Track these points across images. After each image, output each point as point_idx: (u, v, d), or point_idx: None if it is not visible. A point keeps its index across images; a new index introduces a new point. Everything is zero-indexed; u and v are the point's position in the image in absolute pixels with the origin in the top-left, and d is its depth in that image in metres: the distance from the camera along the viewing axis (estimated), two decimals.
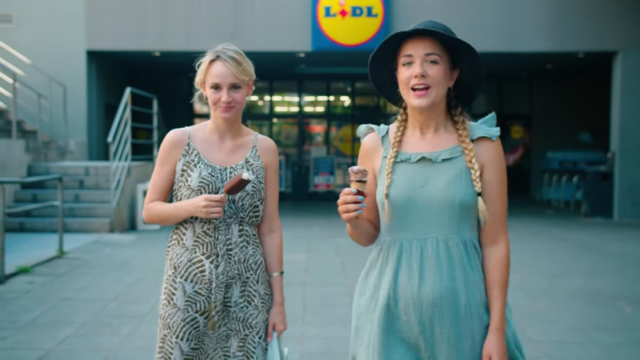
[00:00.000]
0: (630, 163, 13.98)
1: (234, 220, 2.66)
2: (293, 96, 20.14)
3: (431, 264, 2.17)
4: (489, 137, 2.23)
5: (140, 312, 6.06)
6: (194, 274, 2.65)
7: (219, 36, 14.01)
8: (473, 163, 2.18)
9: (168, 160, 2.71)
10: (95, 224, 11.05)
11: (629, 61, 13.95)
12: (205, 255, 2.64)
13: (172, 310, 2.65)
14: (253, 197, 2.69)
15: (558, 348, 5.17)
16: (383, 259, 2.26)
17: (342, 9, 13.90)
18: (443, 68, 2.18)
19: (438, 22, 2.21)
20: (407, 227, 2.21)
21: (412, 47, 2.17)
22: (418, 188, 2.19)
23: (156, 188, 2.74)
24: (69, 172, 12.06)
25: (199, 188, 2.63)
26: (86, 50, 14.13)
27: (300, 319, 5.86)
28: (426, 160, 2.21)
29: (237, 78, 2.62)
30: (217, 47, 2.69)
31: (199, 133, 2.74)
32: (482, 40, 14.02)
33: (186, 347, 2.64)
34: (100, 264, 8.35)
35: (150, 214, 2.74)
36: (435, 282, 2.16)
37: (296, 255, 8.82)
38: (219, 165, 2.68)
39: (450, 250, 2.17)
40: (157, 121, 14.12)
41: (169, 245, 2.75)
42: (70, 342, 5.20)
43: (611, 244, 10.63)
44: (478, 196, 2.17)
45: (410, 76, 2.17)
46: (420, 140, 2.25)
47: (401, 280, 2.20)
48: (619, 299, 6.79)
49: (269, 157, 2.78)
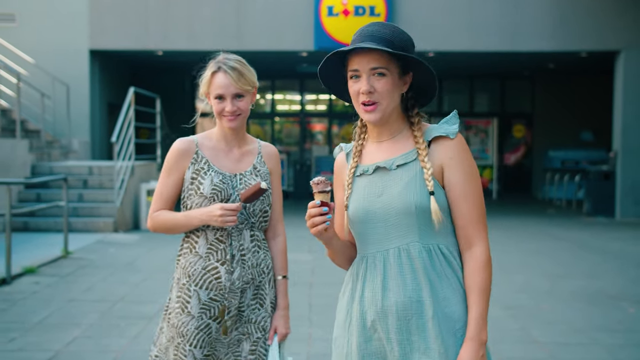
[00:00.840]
0: (632, 162, 14.01)
1: (245, 226, 2.72)
2: (295, 95, 20.17)
3: (394, 275, 2.07)
4: (446, 136, 2.09)
5: (148, 313, 6.10)
6: (209, 282, 2.68)
7: (222, 35, 14.05)
8: (425, 162, 2.06)
9: (176, 169, 2.75)
10: (99, 223, 11.09)
11: (631, 60, 13.97)
12: (220, 261, 2.69)
13: (187, 318, 2.69)
14: (263, 203, 2.75)
15: (562, 349, 5.21)
16: (353, 277, 2.18)
17: (345, 8, 13.92)
18: (391, 79, 2.07)
19: (386, 26, 2.09)
20: (370, 241, 2.12)
21: (358, 62, 2.07)
22: (375, 199, 2.10)
23: (162, 197, 2.76)
24: (73, 172, 12.10)
25: (211, 195, 2.68)
26: (89, 49, 14.16)
27: (307, 320, 5.90)
28: (381, 169, 2.12)
29: (240, 88, 2.68)
30: (218, 57, 2.73)
31: (206, 141, 2.79)
32: (485, 39, 14.05)
33: (199, 354, 2.68)
34: (105, 264, 8.39)
35: (156, 223, 2.76)
36: (398, 294, 2.05)
37: (302, 255, 8.86)
38: (229, 173, 2.74)
39: (412, 259, 2.06)
40: (159, 120, 14.15)
41: (180, 253, 2.78)
42: (78, 343, 5.24)
43: (613, 243, 10.66)
44: (431, 195, 2.04)
45: (358, 91, 2.08)
46: (378, 150, 2.16)
47: (366, 296, 2.11)
48: (622, 299, 6.82)
49: (273, 162, 2.86)
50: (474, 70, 18.22)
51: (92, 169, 12.27)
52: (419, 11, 13.78)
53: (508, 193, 19.22)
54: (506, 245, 10.26)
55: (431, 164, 2.07)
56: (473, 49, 14.07)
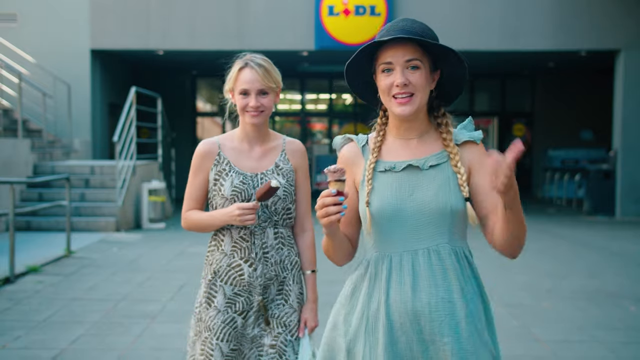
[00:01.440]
0: (632, 161, 14.05)
1: (269, 224, 2.77)
2: (295, 94, 20.20)
3: (425, 277, 2.03)
4: (473, 141, 2.12)
5: (152, 312, 6.13)
6: (233, 278, 2.76)
7: (223, 35, 14.08)
8: (459, 167, 2.06)
9: (201, 170, 2.83)
10: (101, 223, 11.12)
11: (631, 60, 14.00)
12: (244, 259, 2.76)
13: (213, 312, 2.76)
14: (285, 201, 2.78)
15: (564, 347, 5.24)
16: (370, 278, 2.11)
17: (346, 7, 13.95)
18: (425, 73, 2.05)
19: (416, 22, 2.07)
20: (396, 240, 2.07)
21: (392, 54, 2.03)
22: (406, 197, 2.06)
23: (192, 197, 2.86)
24: (75, 171, 12.13)
25: (232, 196, 2.74)
26: (90, 49, 14.19)
27: None
28: (413, 167, 2.09)
29: (265, 84, 2.72)
30: (245, 55, 2.78)
31: (227, 142, 2.84)
32: (485, 38, 14.08)
33: (226, 348, 2.74)
34: (108, 263, 8.42)
35: (189, 223, 2.87)
36: (430, 295, 2.02)
37: None
38: (250, 173, 2.79)
39: (443, 260, 2.04)
40: (161, 120, 14.18)
41: (209, 251, 2.87)
42: (83, 341, 5.27)
43: (613, 242, 10.69)
44: (466, 201, 2.05)
45: (391, 84, 2.04)
46: (404, 147, 2.13)
47: (393, 297, 2.05)
48: (622, 297, 6.86)
49: (297, 159, 2.87)
50: (475, 70, 18.12)
51: (93, 169, 12.31)
52: (419, 10, 13.81)
53: None
54: None
55: (464, 169, 2.08)
56: (473, 48, 14.09)
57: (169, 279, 7.53)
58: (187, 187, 2.88)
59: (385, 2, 13.91)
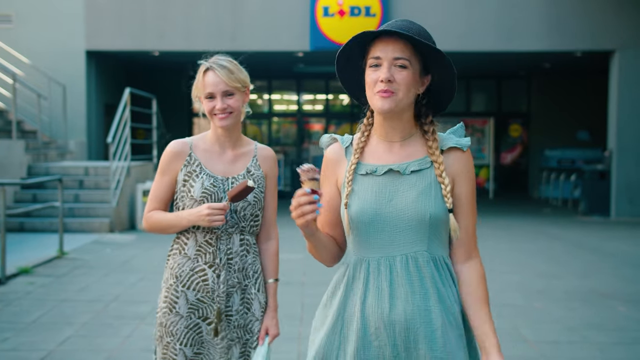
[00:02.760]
0: (627, 161, 14.05)
1: (236, 229, 2.73)
2: (292, 95, 20.21)
3: (401, 283, 2.01)
4: (459, 148, 2.07)
5: (142, 313, 6.13)
6: (196, 283, 2.71)
7: (218, 36, 14.08)
8: (443, 177, 2.03)
9: (169, 171, 2.78)
10: (95, 224, 11.12)
11: (626, 60, 14.01)
12: (208, 264, 2.71)
13: (175, 318, 2.72)
14: (254, 207, 2.75)
15: (553, 348, 5.24)
16: (348, 281, 2.09)
17: (341, 8, 13.95)
18: (412, 73, 2.01)
19: (414, 23, 2.04)
20: (374, 245, 2.04)
21: (381, 49, 2.01)
22: (385, 203, 2.03)
23: (157, 197, 2.80)
24: (69, 172, 12.13)
25: (201, 198, 2.70)
26: (85, 50, 14.18)
27: (298, 319, 5.93)
28: (393, 172, 2.05)
29: (229, 85, 2.69)
30: (210, 58, 2.76)
31: (200, 143, 2.81)
32: (480, 39, 14.09)
33: (190, 352, 2.71)
34: (100, 265, 8.42)
35: (151, 223, 2.80)
36: (407, 303, 2.00)
37: (295, 255, 8.88)
38: (221, 176, 2.75)
39: (420, 267, 2.02)
40: (156, 121, 14.18)
41: (170, 254, 2.81)
42: (71, 343, 5.27)
43: (608, 242, 10.70)
44: (449, 213, 2.03)
45: (377, 79, 2.01)
46: (387, 151, 2.09)
47: (370, 302, 2.03)
48: (614, 298, 6.86)
49: (268, 165, 2.84)
50: (471, 70, 18.24)
51: (88, 170, 12.30)
52: (414, 11, 13.80)
53: (504, 192, 19.27)
54: (502, 244, 10.29)
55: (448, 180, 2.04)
56: (469, 49, 14.10)
57: (161, 280, 7.51)
58: (152, 186, 2.82)
59: (381, 3, 13.91)
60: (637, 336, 5.55)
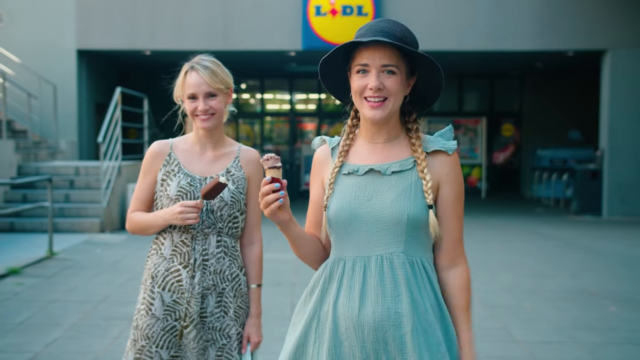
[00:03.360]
0: (619, 161, 14.07)
1: (212, 230, 2.69)
2: (284, 94, 20.17)
3: (373, 284, 1.99)
4: (445, 151, 2.05)
5: (131, 314, 6.08)
6: (171, 284, 2.68)
7: (210, 35, 14.03)
8: (425, 173, 2.00)
9: (150, 171, 2.76)
10: (85, 224, 11.07)
11: (617, 60, 14.03)
12: (183, 264, 2.67)
13: (151, 320, 2.68)
14: (232, 208, 2.71)
15: (542, 348, 5.23)
16: (325, 279, 2.08)
17: (333, 7, 13.93)
18: (400, 78, 2.00)
19: (398, 23, 2.02)
20: (351, 245, 2.03)
21: (369, 56, 1.98)
22: (363, 202, 2.02)
23: (139, 198, 2.78)
24: (60, 172, 12.07)
25: (177, 197, 2.66)
26: (76, 49, 14.11)
27: (288, 320, 5.89)
28: (375, 172, 2.04)
29: (212, 86, 2.66)
30: (193, 58, 2.74)
31: (181, 144, 2.79)
32: (473, 39, 14.08)
33: (166, 355, 2.68)
34: (90, 265, 8.37)
35: (132, 224, 2.78)
36: (377, 304, 1.97)
37: (286, 255, 8.85)
38: (199, 175, 2.71)
39: (395, 269, 1.99)
40: (147, 120, 14.12)
41: (149, 255, 2.79)
42: (59, 344, 5.23)
43: (599, 242, 10.71)
44: (429, 209, 1.99)
45: (365, 86, 2.00)
46: (371, 151, 2.08)
47: (341, 302, 2.02)
48: (604, 298, 6.86)
49: (251, 168, 2.79)
50: (463, 70, 18.26)
51: (78, 169, 12.24)
52: (406, 11, 13.79)
53: (497, 192, 19.28)
54: (494, 244, 10.29)
55: (430, 176, 2.02)
56: (461, 49, 14.10)
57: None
58: (135, 188, 2.81)
59: (373, 3, 13.89)
60: (628, 336, 5.55)
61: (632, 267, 8.58)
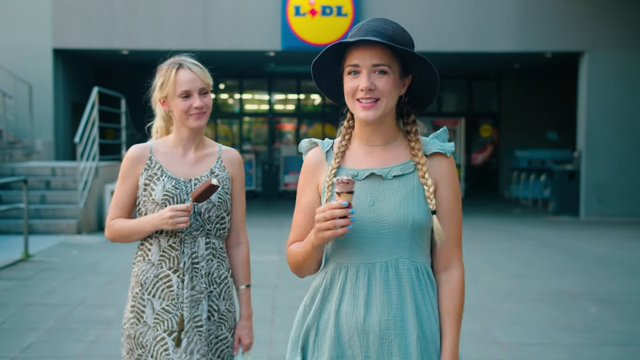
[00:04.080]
0: (596, 162, 14.19)
1: (200, 232, 2.63)
2: (263, 94, 20.09)
3: (379, 291, 1.94)
4: (443, 153, 2.02)
5: (108, 317, 6.00)
6: (161, 290, 2.61)
7: (188, 34, 13.93)
8: (426, 179, 1.97)
9: (130, 176, 2.67)
10: (62, 225, 10.92)
11: (594, 61, 14.14)
12: (172, 269, 2.61)
13: (144, 328, 2.61)
14: (219, 209, 2.65)
15: (524, 350, 5.23)
16: (325, 287, 2.03)
17: (312, 8, 13.88)
18: (393, 78, 1.95)
19: (389, 22, 1.98)
20: (354, 251, 1.98)
21: (359, 57, 1.94)
22: (366, 208, 1.97)
23: (119, 205, 2.69)
24: (35, 173, 11.90)
25: (163, 201, 2.60)
26: (52, 48, 13.93)
27: (269, 323, 5.85)
28: (375, 176, 2.00)
29: (205, 82, 2.62)
30: (172, 59, 2.66)
31: (160, 147, 2.71)
32: (451, 40, 14.12)
33: None
34: (67, 267, 8.25)
35: (113, 232, 2.70)
36: (382, 312, 1.93)
37: (268, 257, 8.80)
38: (183, 178, 2.65)
39: (400, 275, 1.95)
40: (125, 120, 13.98)
41: (134, 261, 2.72)
42: (35, 349, 5.13)
43: (577, 242, 10.77)
44: (433, 215, 1.96)
45: (357, 87, 1.95)
46: (368, 154, 2.03)
47: (344, 309, 1.97)
48: (584, 298, 6.89)
49: (234, 168, 2.75)
50: (441, 71, 18.04)
51: (55, 170, 12.08)
52: (385, 12, 13.79)
53: (475, 192, 19.36)
54: (473, 244, 10.29)
55: (431, 181, 1.98)
56: (440, 50, 14.12)
57: (129, 283, 7.37)
58: (114, 194, 2.72)
59: (352, 3, 13.87)
60: (609, 337, 5.57)
61: (610, 268, 8.64)
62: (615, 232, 12.04)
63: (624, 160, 14.16)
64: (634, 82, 14.15)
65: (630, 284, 7.65)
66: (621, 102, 14.14)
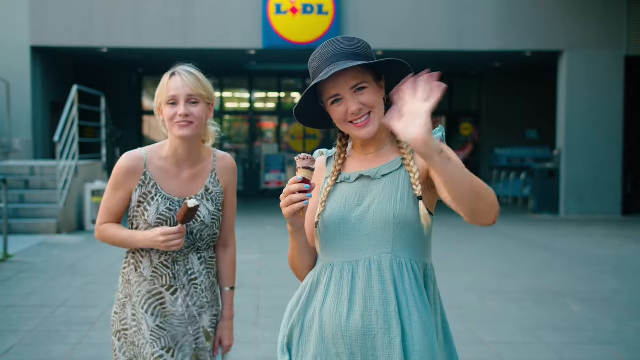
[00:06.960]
0: (575, 160, 14.31)
1: (191, 250, 2.61)
2: (244, 93, 20.02)
3: (361, 288, 1.96)
4: None
5: (91, 318, 5.93)
6: (154, 307, 2.58)
7: (168, 32, 13.83)
8: (412, 166, 1.99)
9: (123, 188, 2.61)
10: (41, 225, 10.80)
11: (574, 60, 14.26)
12: (165, 287, 2.58)
13: (144, 340, 2.58)
14: (212, 228, 2.63)
15: (509, 349, 5.25)
16: (312, 286, 2.06)
17: (293, 6, 13.84)
18: (372, 87, 2.00)
19: (343, 40, 2.01)
20: (340, 250, 2.01)
21: (335, 86, 1.98)
22: (353, 207, 2.01)
23: (109, 211, 2.64)
24: (14, 172, 11.75)
25: (156, 224, 2.56)
26: (30, 45, 13.76)
27: (253, 323, 5.82)
28: (365, 177, 2.05)
29: (194, 90, 2.52)
30: (175, 66, 2.63)
31: (155, 158, 2.62)
32: (432, 38, 14.15)
33: None
34: (47, 268, 8.15)
35: (104, 237, 2.66)
36: (365, 308, 1.94)
37: (249, 256, 8.76)
38: (177, 197, 2.60)
39: (383, 271, 1.96)
40: (105, 119, 13.85)
41: (125, 266, 2.67)
42: (16, 351, 5.06)
43: (558, 240, 10.85)
44: (419, 200, 1.96)
45: (345, 112, 1.99)
46: (362, 160, 2.09)
47: (327, 307, 1.99)
48: (566, 297, 6.93)
49: (228, 177, 2.71)
50: (422, 69, 18.27)
51: (34, 169, 11.93)
52: (367, 10, 13.81)
53: None
54: (454, 243, 10.35)
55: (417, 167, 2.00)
56: (420, 48, 14.16)
57: (111, 282, 7.30)
58: (104, 197, 2.65)
59: (333, 2, 13.85)
60: (592, 336, 5.61)
61: (591, 266, 8.71)
62: (594, 230, 12.15)
63: (603, 158, 14.30)
64: (611, 81, 14.29)
65: (611, 283, 7.71)
66: (599, 100, 14.28)
